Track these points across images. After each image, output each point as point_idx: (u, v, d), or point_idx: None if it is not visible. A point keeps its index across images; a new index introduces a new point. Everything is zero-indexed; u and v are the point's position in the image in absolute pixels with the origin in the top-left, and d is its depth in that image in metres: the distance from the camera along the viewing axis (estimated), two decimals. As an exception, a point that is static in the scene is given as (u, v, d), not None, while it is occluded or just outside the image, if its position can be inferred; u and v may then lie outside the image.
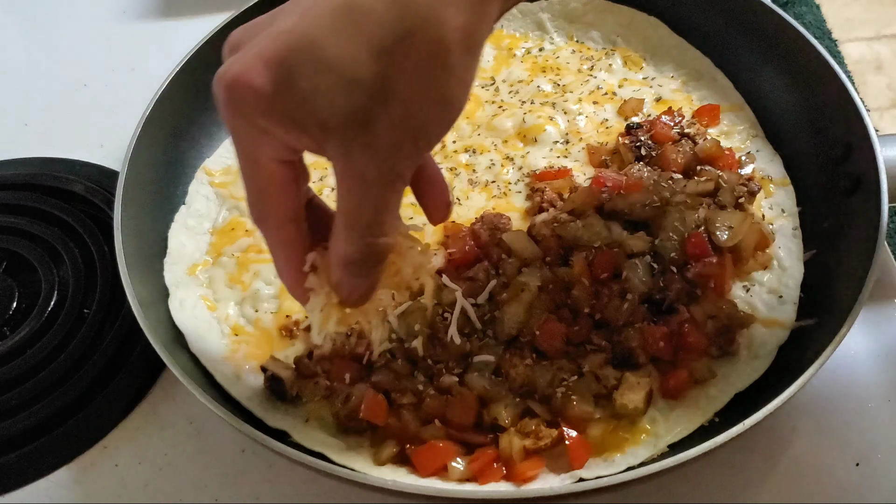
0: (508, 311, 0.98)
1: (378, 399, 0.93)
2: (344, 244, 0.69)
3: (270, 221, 0.71)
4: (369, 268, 0.72)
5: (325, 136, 0.64)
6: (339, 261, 0.70)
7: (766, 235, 1.06)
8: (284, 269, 0.75)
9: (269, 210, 0.71)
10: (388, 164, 0.65)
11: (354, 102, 0.62)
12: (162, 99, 1.16)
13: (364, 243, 0.69)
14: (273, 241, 0.73)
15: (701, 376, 0.96)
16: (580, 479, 0.87)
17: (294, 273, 0.74)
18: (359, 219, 0.68)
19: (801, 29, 1.13)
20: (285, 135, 0.64)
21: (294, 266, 0.74)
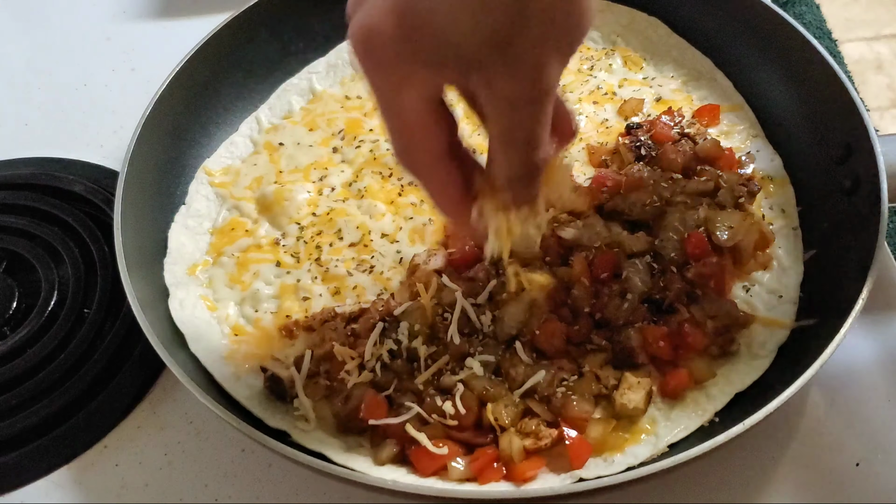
0: (508, 311, 0.98)
1: (378, 399, 0.93)
2: (505, 164, 0.70)
3: (423, 165, 0.72)
4: (532, 180, 0.73)
5: (466, 67, 0.63)
6: (504, 181, 0.72)
7: (766, 235, 1.06)
8: (447, 209, 0.75)
9: (418, 153, 0.71)
10: (534, 82, 0.65)
11: (492, 26, 0.60)
12: (162, 99, 1.16)
13: (523, 159, 0.70)
14: (428, 183, 0.73)
15: (701, 376, 0.96)
16: (580, 479, 0.87)
17: (458, 209, 0.75)
18: (514, 138, 0.68)
19: (801, 29, 1.13)
20: (426, 74, 0.65)
21: (456, 203, 0.74)
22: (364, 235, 1.13)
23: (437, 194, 0.74)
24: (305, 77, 1.34)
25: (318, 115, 1.29)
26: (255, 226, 1.17)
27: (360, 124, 1.26)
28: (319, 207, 1.17)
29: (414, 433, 0.90)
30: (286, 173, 1.22)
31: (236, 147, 1.26)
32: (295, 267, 1.11)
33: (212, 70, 1.24)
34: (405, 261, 1.09)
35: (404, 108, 0.67)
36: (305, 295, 1.08)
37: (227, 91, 1.28)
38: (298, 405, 0.96)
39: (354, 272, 1.09)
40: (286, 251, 1.13)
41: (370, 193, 1.17)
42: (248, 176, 1.22)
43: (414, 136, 0.69)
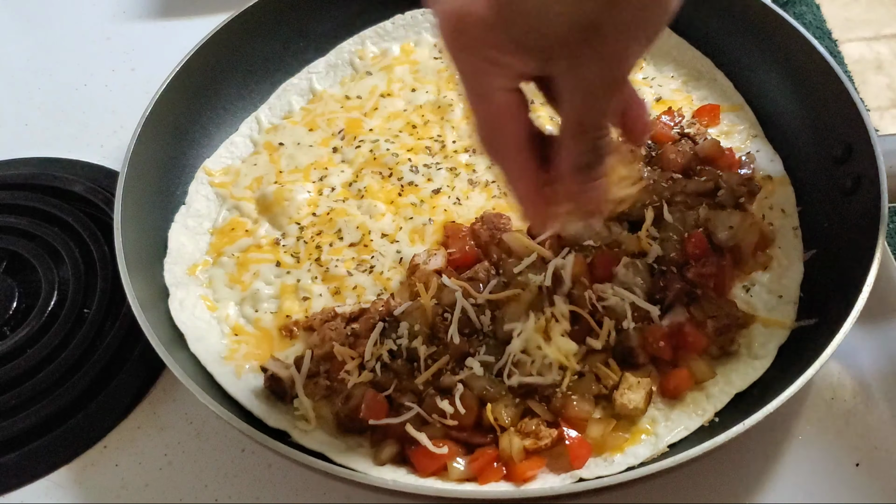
0: (508, 311, 0.98)
1: (378, 399, 0.93)
2: (575, 151, 0.72)
3: (506, 151, 0.73)
4: (598, 167, 0.74)
5: (551, 54, 0.64)
6: (571, 169, 0.73)
7: (766, 235, 1.06)
8: (526, 196, 0.76)
9: (503, 140, 0.72)
10: (614, 69, 0.66)
11: (582, 13, 0.62)
12: (162, 99, 1.16)
13: (591, 146, 0.71)
14: (510, 170, 0.75)
15: (701, 376, 0.96)
16: (580, 479, 0.87)
17: (535, 196, 0.76)
18: (587, 124, 0.70)
19: (801, 29, 1.13)
20: (513, 61, 0.66)
21: (534, 190, 0.75)
22: (364, 235, 1.13)
23: (517, 179, 0.76)
24: (305, 77, 1.34)
25: (318, 115, 1.29)
26: (255, 226, 1.17)
27: (360, 124, 1.26)
28: (319, 207, 1.17)
29: (414, 433, 0.90)
30: (286, 173, 1.22)
31: (236, 147, 1.26)
32: (295, 267, 1.11)
33: (212, 70, 1.24)
34: (405, 261, 1.09)
35: (492, 93, 0.69)
36: (305, 295, 1.08)
37: (227, 91, 1.28)
38: (298, 405, 0.96)
39: (354, 272, 1.09)
40: (286, 251, 1.13)
41: (370, 193, 1.17)
42: (248, 176, 1.22)
43: (500, 121, 0.71)
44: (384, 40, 1.38)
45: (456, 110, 1.26)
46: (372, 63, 1.35)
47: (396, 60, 1.35)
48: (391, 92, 1.31)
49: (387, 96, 1.30)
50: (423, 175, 1.19)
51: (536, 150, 0.75)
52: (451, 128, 1.25)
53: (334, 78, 1.35)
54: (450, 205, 1.15)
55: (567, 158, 0.73)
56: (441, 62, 1.33)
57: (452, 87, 1.29)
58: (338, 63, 1.36)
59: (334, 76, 1.35)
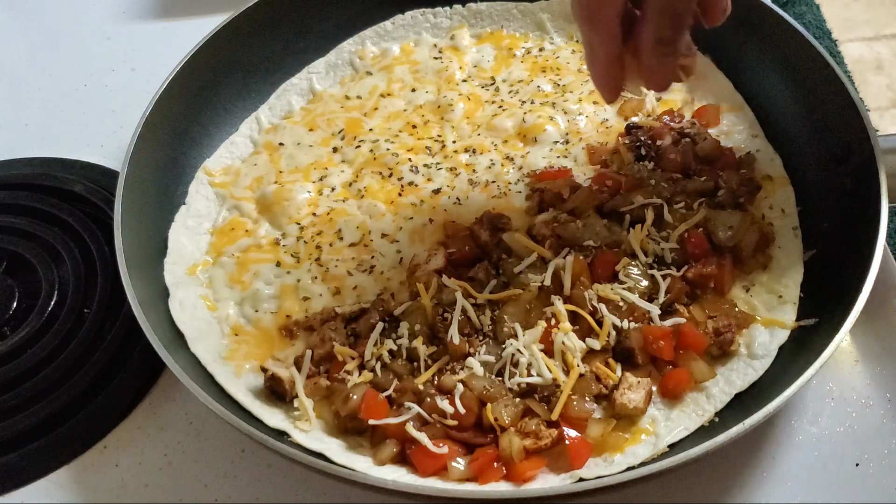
0: (508, 311, 0.98)
1: (378, 399, 0.93)
2: (657, 23, 0.81)
3: (601, 18, 0.82)
4: (675, 45, 0.84)
5: None
6: (652, 42, 0.82)
7: (766, 235, 1.06)
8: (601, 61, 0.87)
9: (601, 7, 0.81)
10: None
11: None
12: (162, 99, 1.16)
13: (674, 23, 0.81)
14: (597, 36, 0.84)
15: (701, 376, 0.96)
16: (580, 479, 0.87)
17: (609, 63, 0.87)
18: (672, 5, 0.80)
19: (801, 29, 1.13)
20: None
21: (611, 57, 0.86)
22: (364, 235, 1.13)
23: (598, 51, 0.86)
24: (305, 77, 1.34)
25: (318, 115, 1.29)
26: (255, 226, 1.17)
27: (360, 124, 1.26)
28: (319, 207, 1.17)
29: (414, 433, 0.90)
30: (286, 173, 1.22)
31: (236, 147, 1.26)
32: (295, 267, 1.11)
33: (212, 70, 1.24)
34: (405, 261, 1.09)
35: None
36: (305, 295, 1.08)
37: (227, 91, 1.28)
38: (298, 405, 0.96)
39: (354, 272, 1.09)
40: (286, 251, 1.13)
41: (370, 193, 1.17)
42: (248, 176, 1.22)
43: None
44: (384, 40, 1.38)
45: (456, 110, 1.26)
46: (372, 63, 1.35)
47: (396, 60, 1.35)
48: (391, 92, 1.31)
49: (387, 96, 1.30)
50: (423, 175, 1.19)
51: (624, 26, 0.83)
52: (451, 128, 1.25)
53: (334, 78, 1.35)
54: (450, 205, 1.15)
55: (649, 31, 0.81)
56: (441, 62, 1.33)
57: (452, 87, 1.29)
58: (338, 63, 1.36)
59: (334, 76, 1.35)
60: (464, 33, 1.37)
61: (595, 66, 0.89)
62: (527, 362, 0.94)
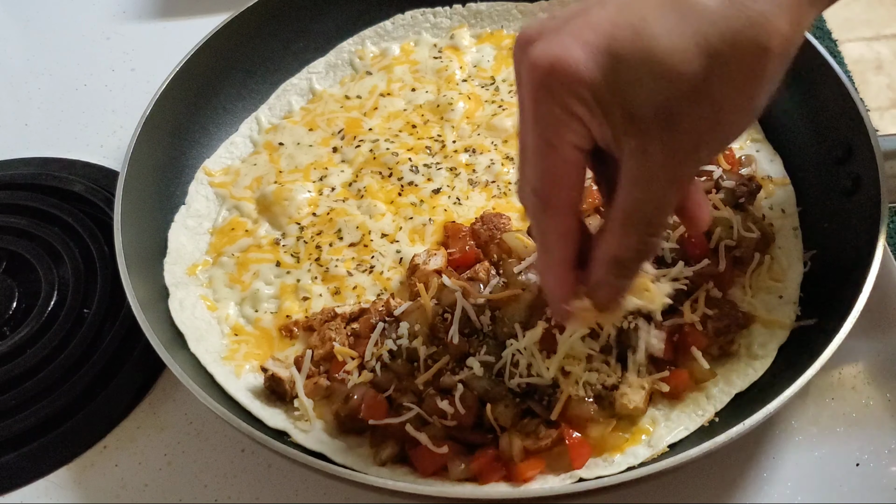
0: (508, 311, 0.98)
1: (378, 399, 0.93)
2: (619, 241, 0.69)
3: (555, 209, 0.70)
4: (634, 267, 0.72)
5: (627, 129, 0.64)
6: (608, 259, 0.71)
7: (766, 235, 1.06)
8: (554, 261, 0.73)
9: (557, 197, 0.69)
10: (681, 165, 0.66)
11: (668, 98, 0.62)
12: (162, 99, 1.16)
13: (639, 241, 0.69)
14: (551, 231, 0.71)
15: (701, 376, 0.96)
16: (580, 479, 0.87)
17: (562, 266, 0.73)
18: (640, 217, 0.68)
19: (801, 29, 1.13)
20: (591, 122, 0.64)
21: (564, 259, 0.72)
22: (364, 235, 1.13)
23: (551, 248, 0.72)
24: (305, 77, 1.34)
25: (317, 115, 1.29)
26: (255, 226, 1.17)
27: (360, 124, 1.26)
28: (319, 207, 1.17)
29: (414, 433, 0.90)
30: (286, 173, 1.22)
31: (236, 147, 1.26)
32: (295, 267, 1.11)
33: (212, 70, 1.25)
34: (405, 261, 1.09)
35: (563, 146, 0.66)
36: (305, 295, 1.08)
37: (227, 91, 1.28)
38: (298, 405, 0.96)
39: (354, 272, 1.09)
40: (286, 251, 1.13)
41: (370, 193, 1.17)
42: (247, 176, 1.22)
43: (561, 175, 0.68)
44: (384, 40, 1.38)
45: (456, 110, 1.26)
46: (372, 63, 1.35)
47: (396, 60, 1.35)
48: (391, 92, 1.31)
49: (386, 96, 1.30)
50: (423, 175, 1.19)
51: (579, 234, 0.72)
52: (451, 128, 1.25)
53: (334, 78, 1.35)
54: (450, 205, 1.15)
55: (609, 247, 0.70)
56: (441, 62, 1.33)
57: (452, 87, 1.29)
58: (338, 63, 1.36)
59: (334, 76, 1.35)
60: (464, 33, 1.37)
61: (546, 266, 0.74)
62: (527, 362, 0.94)
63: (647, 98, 0.62)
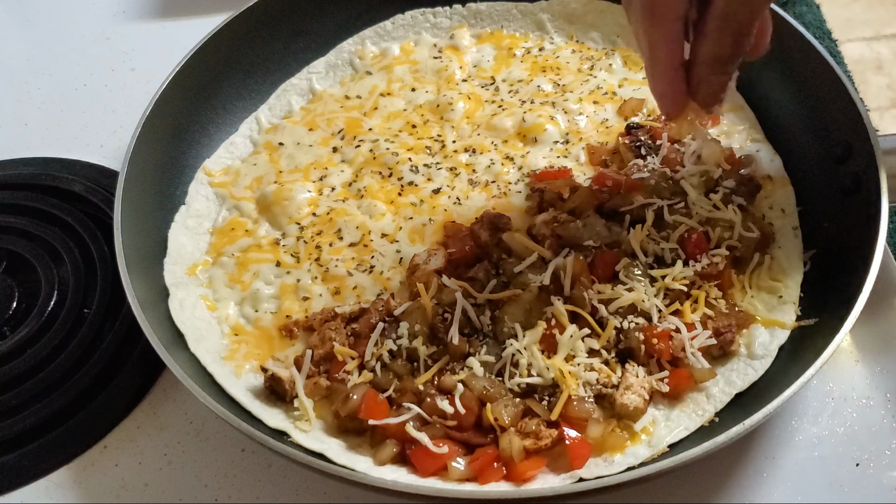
0: (508, 311, 0.98)
1: (378, 399, 0.93)
2: (717, 41, 0.79)
3: (663, 16, 0.79)
4: (731, 65, 0.82)
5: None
6: (708, 58, 0.81)
7: (766, 235, 1.06)
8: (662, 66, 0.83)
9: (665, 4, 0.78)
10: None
11: None
12: (162, 99, 1.16)
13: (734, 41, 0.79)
14: (660, 36, 0.81)
15: (701, 376, 0.96)
16: (580, 479, 0.87)
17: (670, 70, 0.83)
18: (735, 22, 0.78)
19: (801, 29, 1.13)
20: None
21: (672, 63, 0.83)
22: (364, 235, 1.13)
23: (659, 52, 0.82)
24: (305, 77, 1.34)
25: (317, 115, 1.29)
26: (255, 226, 1.17)
27: (360, 124, 1.26)
28: (319, 207, 1.17)
29: (414, 433, 0.90)
30: (286, 173, 1.22)
31: (236, 147, 1.26)
32: (295, 267, 1.11)
33: (212, 70, 1.24)
34: (405, 261, 1.09)
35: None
36: (305, 295, 1.08)
37: (227, 91, 1.28)
38: (298, 405, 0.96)
39: (354, 272, 1.09)
40: (286, 251, 1.13)
41: (370, 193, 1.17)
42: (247, 176, 1.22)
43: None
44: (384, 40, 1.38)
45: (456, 110, 1.26)
46: (372, 63, 1.35)
47: (396, 60, 1.35)
48: (391, 91, 1.31)
49: (386, 96, 1.30)
50: (423, 175, 1.19)
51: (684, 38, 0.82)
52: (451, 128, 1.25)
53: (334, 78, 1.35)
54: (450, 205, 1.15)
55: (708, 44, 0.79)
56: (441, 62, 1.33)
57: (452, 87, 1.29)
58: (338, 63, 1.36)
59: (334, 76, 1.35)
60: (464, 33, 1.37)
61: (656, 71, 0.85)
62: (527, 362, 0.94)
63: None
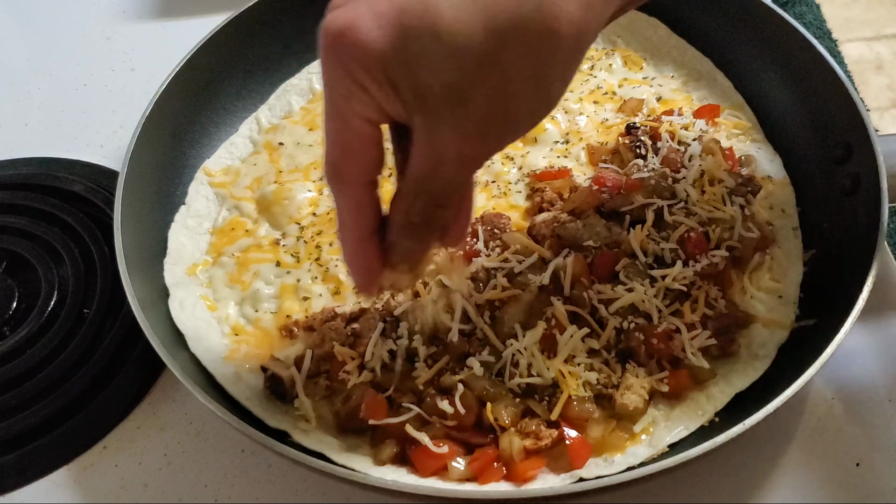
0: (508, 311, 0.98)
1: (378, 399, 0.93)
2: (409, 206, 0.71)
3: (347, 180, 0.70)
4: (425, 235, 0.74)
5: (417, 106, 0.64)
6: (401, 220, 0.72)
7: (766, 235, 1.06)
8: (350, 234, 0.74)
9: (349, 168, 0.69)
10: (471, 147, 0.66)
11: (456, 75, 0.61)
12: (162, 99, 1.16)
13: (426, 209, 0.70)
14: (345, 203, 0.72)
15: (701, 376, 0.96)
16: (580, 479, 0.87)
17: (359, 240, 0.74)
18: (429, 188, 0.69)
19: (801, 29, 1.13)
20: (380, 95, 0.64)
21: (360, 233, 0.73)
22: (364, 235, 1.13)
23: (345, 218, 0.73)
24: (305, 77, 1.34)
25: (317, 115, 1.29)
26: (255, 226, 1.17)
27: (360, 124, 1.26)
28: (319, 207, 1.17)
29: (414, 433, 0.90)
30: (286, 173, 1.22)
31: (236, 147, 1.26)
32: (295, 267, 1.11)
33: (212, 70, 1.24)
34: (405, 261, 1.09)
35: (351, 117, 0.66)
36: (305, 295, 1.08)
37: (227, 91, 1.28)
38: (298, 405, 0.96)
39: (354, 272, 1.09)
40: (286, 251, 1.13)
41: (370, 193, 1.17)
42: (248, 176, 1.22)
43: (351, 147, 0.68)
44: (384, 40, 1.37)
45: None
46: (372, 63, 1.35)
47: (396, 60, 1.35)
48: (391, 92, 1.30)
49: (387, 96, 1.30)
50: (423, 175, 1.18)
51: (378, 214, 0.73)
52: (451, 128, 1.24)
53: (334, 78, 1.35)
54: (450, 205, 1.15)
55: (399, 210, 0.71)
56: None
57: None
58: (338, 63, 1.36)
59: (334, 76, 1.35)
60: (464, 33, 1.37)
61: (345, 242, 0.75)
62: (527, 363, 0.94)
63: (436, 74, 0.61)
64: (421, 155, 0.67)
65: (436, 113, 0.64)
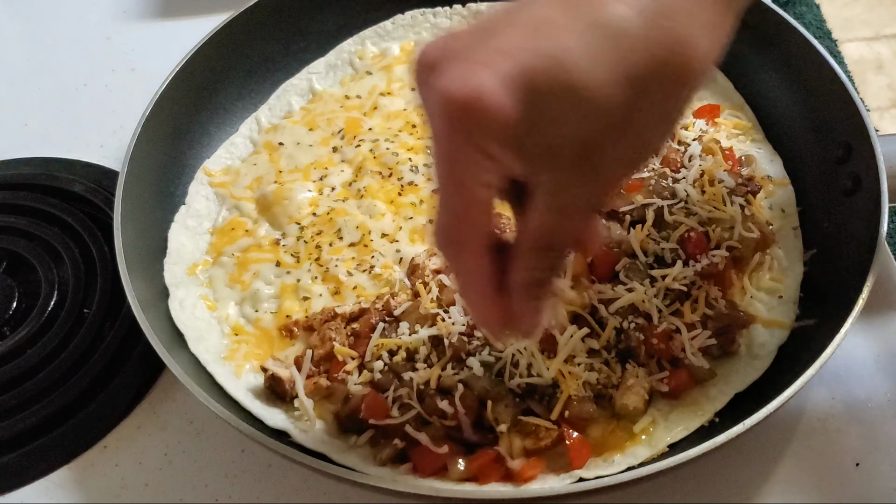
0: (508, 311, 0.98)
1: (378, 399, 0.93)
2: (530, 265, 0.66)
3: (468, 248, 0.65)
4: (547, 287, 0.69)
5: (544, 165, 0.60)
6: (522, 283, 0.67)
7: (766, 235, 1.06)
8: (476, 296, 0.68)
9: (469, 236, 0.63)
10: (599, 195, 0.64)
11: (591, 132, 0.58)
12: (162, 99, 1.16)
13: (550, 263, 0.67)
14: (465, 267, 0.66)
15: (701, 376, 0.96)
16: (580, 479, 0.87)
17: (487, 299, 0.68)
18: (552, 242, 0.65)
19: (801, 29, 1.13)
20: (509, 160, 0.59)
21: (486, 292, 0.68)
22: (364, 235, 1.13)
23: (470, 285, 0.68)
24: (305, 77, 1.34)
25: (317, 115, 1.29)
26: (255, 226, 1.17)
27: (360, 124, 1.26)
28: (319, 207, 1.17)
29: (414, 433, 0.90)
30: (286, 173, 1.22)
31: (236, 147, 1.26)
32: (295, 267, 1.11)
33: (212, 70, 1.25)
34: (405, 261, 1.09)
35: (473, 185, 0.60)
36: (305, 295, 1.08)
37: (227, 91, 1.28)
38: (298, 405, 0.96)
39: (354, 272, 1.09)
40: (286, 251, 1.13)
41: (370, 193, 1.17)
42: (247, 176, 1.22)
43: (471, 215, 0.63)
44: (384, 40, 1.38)
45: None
46: (372, 63, 1.35)
47: (396, 60, 1.35)
48: (391, 91, 1.31)
49: (386, 95, 1.30)
50: (423, 175, 1.19)
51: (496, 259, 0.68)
52: (451, 128, 1.24)
53: (334, 78, 1.35)
54: (450, 205, 1.15)
55: (520, 272, 0.67)
56: (441, 62, 1.33)
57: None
58: (338, 63, 1.36)
59: (334, 76, 1.35)
60: (464, 33, 1.37)
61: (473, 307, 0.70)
62: (527, 363, 0.94)
63: (570, 134, 0.58)
64: (545, 208, 0.63)
65: (565, 169, 0.60)
